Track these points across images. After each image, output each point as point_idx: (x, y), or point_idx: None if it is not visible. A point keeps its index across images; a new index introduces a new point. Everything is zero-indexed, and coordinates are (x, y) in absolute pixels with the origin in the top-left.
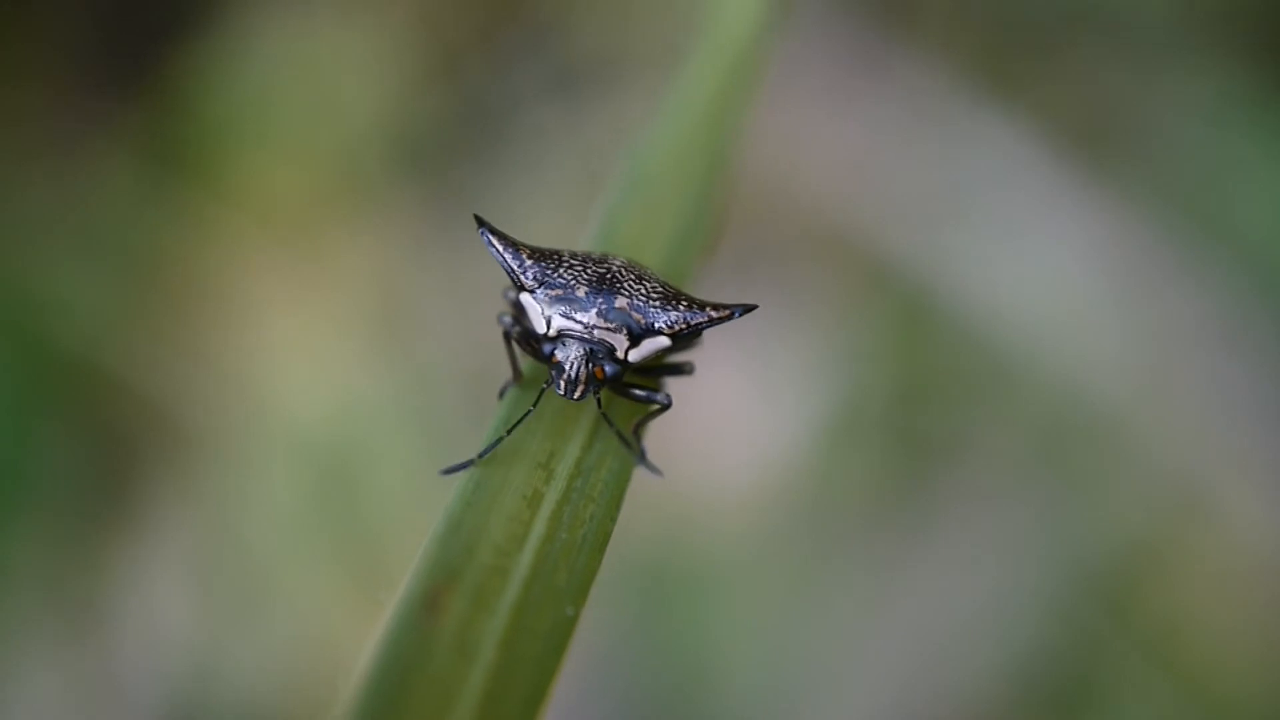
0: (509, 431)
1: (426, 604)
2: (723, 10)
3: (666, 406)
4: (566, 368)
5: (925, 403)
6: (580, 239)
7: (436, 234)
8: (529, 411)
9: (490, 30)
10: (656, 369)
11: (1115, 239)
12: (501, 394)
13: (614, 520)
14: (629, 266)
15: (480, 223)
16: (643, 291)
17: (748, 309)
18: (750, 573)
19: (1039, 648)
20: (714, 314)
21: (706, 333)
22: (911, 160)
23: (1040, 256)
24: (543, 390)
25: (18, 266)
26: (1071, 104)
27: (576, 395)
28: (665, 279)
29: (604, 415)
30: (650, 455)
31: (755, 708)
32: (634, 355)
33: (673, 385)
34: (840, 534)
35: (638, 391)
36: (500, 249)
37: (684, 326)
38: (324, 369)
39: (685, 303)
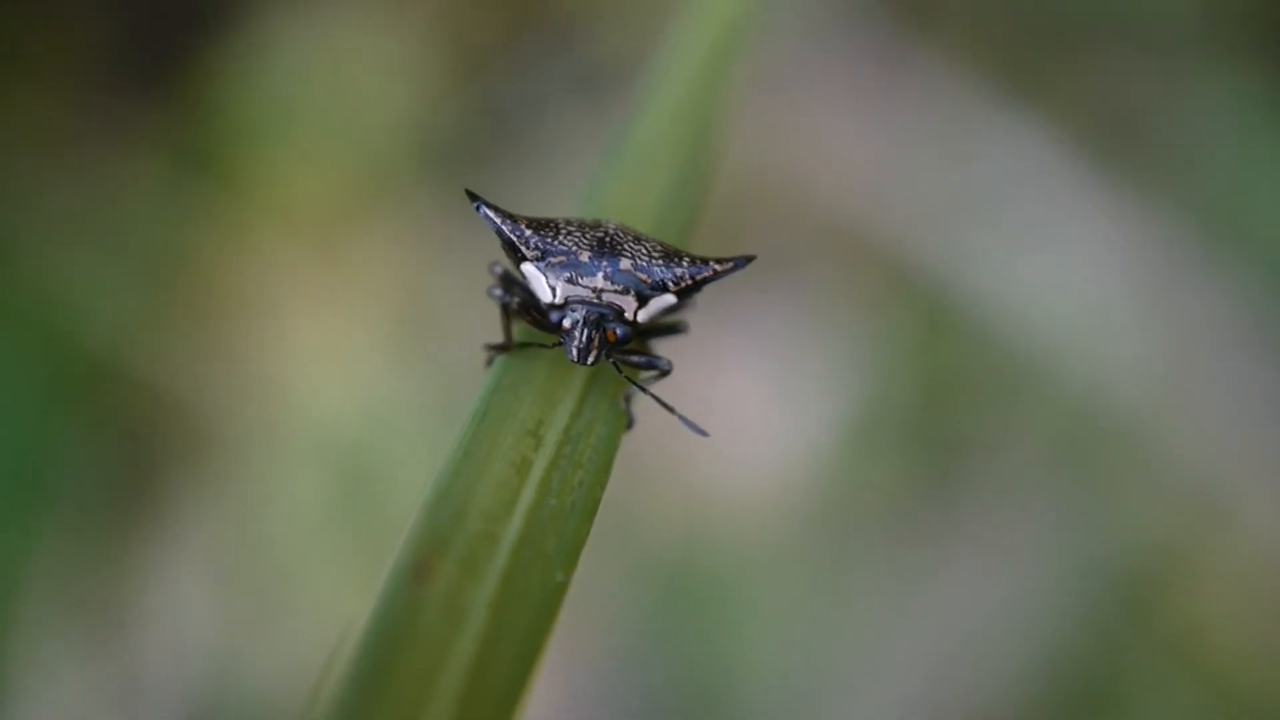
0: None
1: (416, 571)
2: None
3: (667, 372)
4: (578, 334)
5: (947, 405)
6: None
7: (460, 236)
8: (547, 346)
9: (514, 32)
10: (652, 331)
11: (1137, 242)
12: (489, 361)
13: (603, 486)
14: (623, 229)
15: (474, 197)
16: (644, 251)
17: (748, 259)
18: (772, 574)
19: (1061, 649)
20: (718, 267)
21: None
22: (933, 163)
23: (1062, 259)
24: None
25: (43, 267)
26: (1094, 107)
27: (590, 360)
28: (660, 238)
29: (628, 379)
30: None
31: (777, 708)
32: (642, 315)
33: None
34: (862, 536)
35: (638, 358)
36: (499, 222)
37: (690, 282)
38: (347, 370)
39: (687, 259)
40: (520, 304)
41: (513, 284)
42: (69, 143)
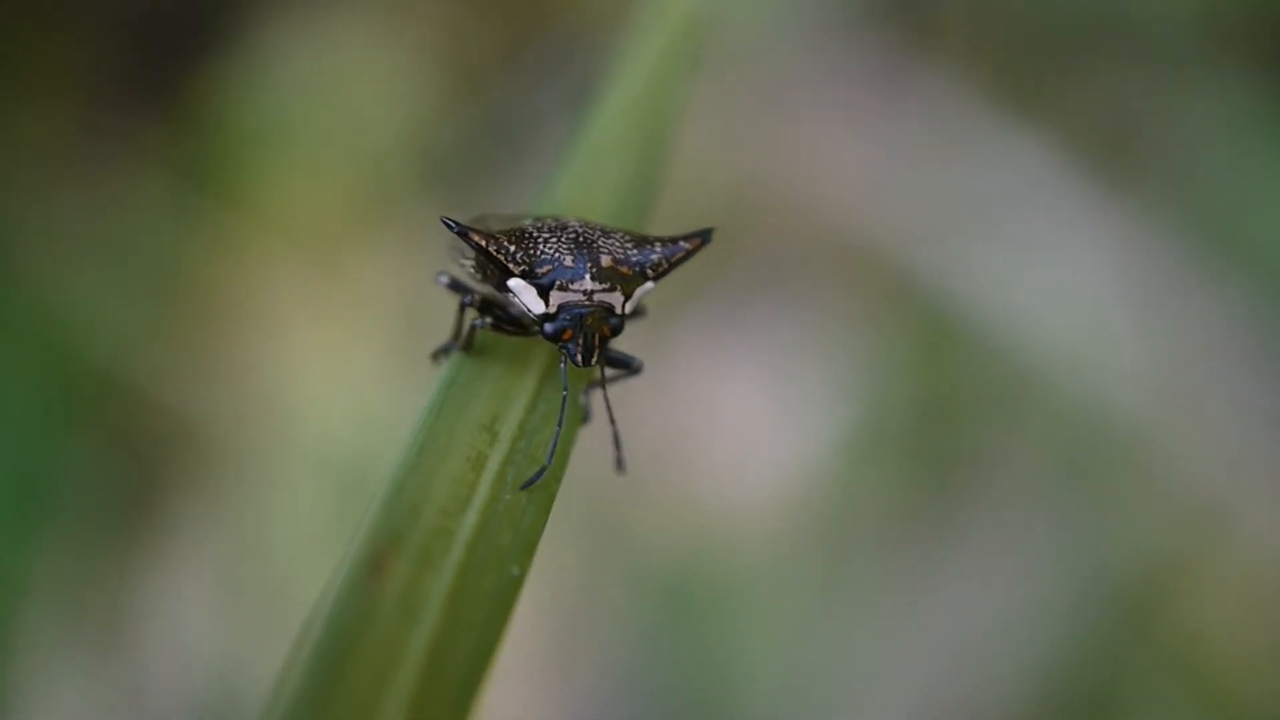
0: (560, 425)
1: (371, 567)
2: None
3: (639, 370)
4: (578, 338)
5: (946, 417)
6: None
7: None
8: (564, 396)
9: (514, 46)
10: None
11: (1137, 255)
12: (439, 354)
13: (559, 480)
14: (587, 224)
15: (452, 224)
16: (616, 244)
17: (710, 232)
18: (772, 585)
19: (1060, 660)
20: (688, 245)
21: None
22: (933, 175)
23: (1062, 272)
24: (563, 370)
25: (46, 282)
26: (1093, 120)
27: (595, 360)
28: (621, 226)
29: (604, 395)
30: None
31: (778, 716)
32: (629, 307)
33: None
34: (861, 547)
35: (614, 355)
36: (484, 245)
37: (666, 265)
38: (347, 383)
39: (657, 243)
40: (494, 322)
41: (466, 290)
42: (71, 158)
